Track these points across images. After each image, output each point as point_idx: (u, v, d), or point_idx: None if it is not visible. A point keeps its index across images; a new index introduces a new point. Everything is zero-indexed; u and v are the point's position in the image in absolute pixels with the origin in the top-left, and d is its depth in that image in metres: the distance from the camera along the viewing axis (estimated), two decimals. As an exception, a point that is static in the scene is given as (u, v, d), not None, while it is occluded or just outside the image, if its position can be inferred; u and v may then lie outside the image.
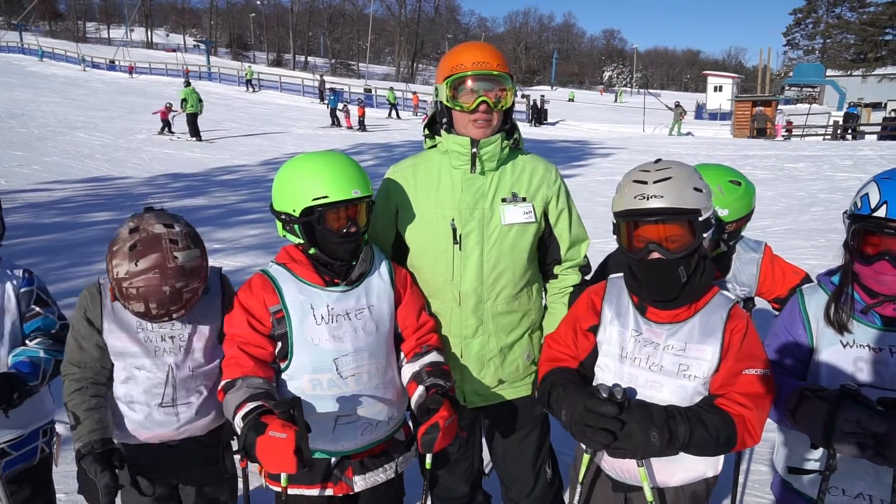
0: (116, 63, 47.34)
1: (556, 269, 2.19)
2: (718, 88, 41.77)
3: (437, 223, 2.06)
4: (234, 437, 1.78)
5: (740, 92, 39.92)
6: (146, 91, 35.05)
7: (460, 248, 2.03)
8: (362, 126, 25.92)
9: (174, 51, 67.42)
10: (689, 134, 28.30)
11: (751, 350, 1.70)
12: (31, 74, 38.80)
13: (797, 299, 1.83)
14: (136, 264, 1.77)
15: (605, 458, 1.84)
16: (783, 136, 25.56)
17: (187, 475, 2.06)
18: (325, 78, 41.89)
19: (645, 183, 1.65)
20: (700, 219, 1.63)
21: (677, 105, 29.98)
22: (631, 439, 1.56)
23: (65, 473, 2.45)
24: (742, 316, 1.73)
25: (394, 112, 31.99)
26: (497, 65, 2.00)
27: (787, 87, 51.05)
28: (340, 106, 27.72)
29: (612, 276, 1.88)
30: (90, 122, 22.95)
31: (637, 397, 1.70)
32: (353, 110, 26.88)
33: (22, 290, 2.14)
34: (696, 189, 1.64)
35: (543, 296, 2.24)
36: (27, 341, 2.12)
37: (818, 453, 1.73)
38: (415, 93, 37.12)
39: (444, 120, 2.07)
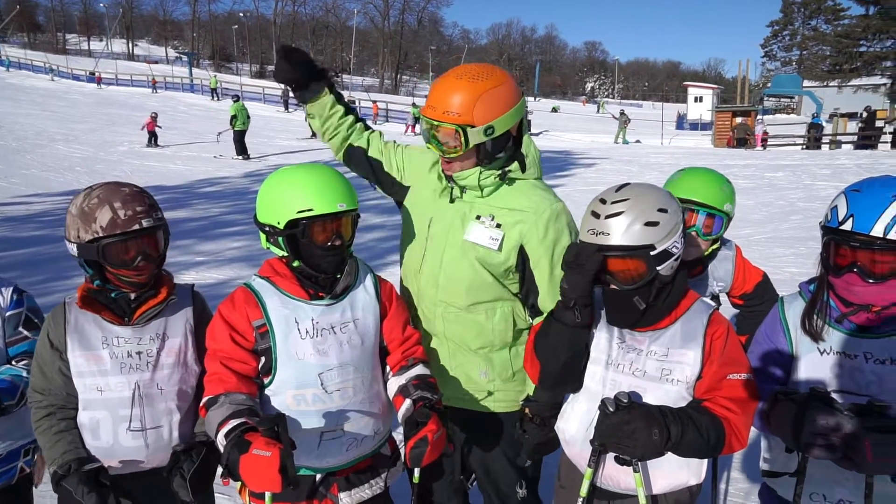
0: (96, 75, 46.96)
1: (535, 318, 2.04)
2: (699, 99, 42.34)
3: (420, 212, 2.11)
4: (182, 466, 1.76)
5: (720, 102, 40.52)
6: (126, 103, 34.75)
7: (428, 247, 2.06)
8: None
9: (156, 62, 67.05)
10: (637, 141, 29.16)
11: (733, 355, 1.73)
12: (9, 87, 38.31)
13: (778, 307, 1.86)
14: (90, 190, 1.86)
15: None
16: (762, 145, 25.95)
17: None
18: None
19: (598, 216, 1.67)
20: (652, 253, 1.63)
21: (622, 113, 31.03)
22: (634, 437, 1.57)
23: (43, 493, 2.40)
24: (722, 321, 1.76)
25: (417, 126, 31.33)
26: (444, 112, 1.88)
27: (765, 98, 51.91)
28: None
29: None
30: (70, 134, 22.69)
31: None
32: None
33: (9, 312, 2.08)
34: (648, 224, 1.64)
35: (515, 321, 2.10)
36: (13, 362, 2.07)
37: (794, 457, 1.75)
38: (375, 101, 37.08)
39: None
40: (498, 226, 1.98)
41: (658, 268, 1.65)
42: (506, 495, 2.19)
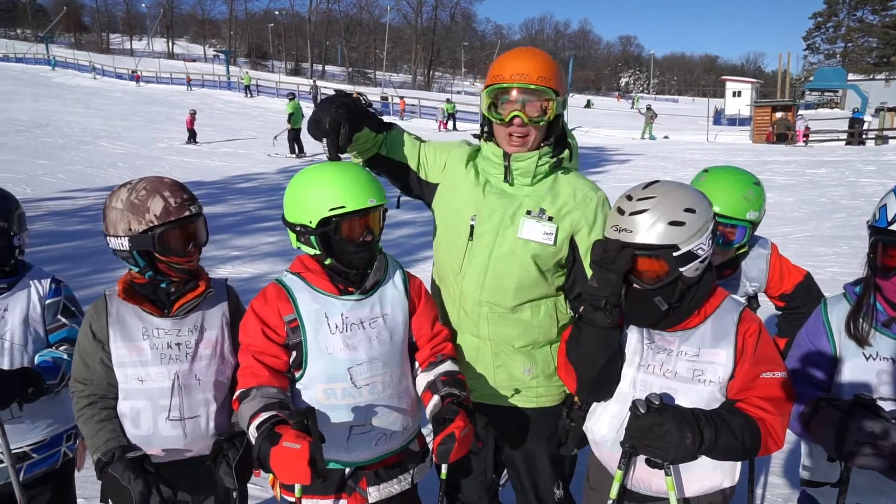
0: (135, 73, 48.25)
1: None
2: (737, 94, 41.31)
3: (460, 213, 2.08)
4: (228, 454, 1.78)
5: (759, 97, 39.49)
6: (166, 100, 35.59)
7: (472, 247, 2.04)
8: None
9: (194, 61, 68.48)
10: (665, 137, 28.65)
11: (767, 353, 1.68)
12: (57, 86, 39.60)
13: (821, 309, 1.80)
14: (130, 185, 1.89)
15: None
16: (804, 141, 25.22)
17: (198, 493, 2.02)
18: (343, 87, 42.43)
19: (622, 213, 1.64)
20: (676, 254, 1.59)
21: (648, 108, 30.66)
22: (666, 440, 1.53)
23: (85, 478, 2.48)
24: (753, 318, 1.72)
25: (451, 123, 30.73)
26: (538, 77, 1.90)
27: (807, 92, 50.39)
28: None
29: None
30: (113, 131, 23.35)
31: None
32: None
33: (48, 301, 2.18)
34: (673, 223, 1.60)
35: (558, 317, 2.11)
36: (53, 348, 2.16)
37: (837, 466, 1.69)
38: (402, 98, 37.13)
39: (486, 129, 2.06)
40: (550, 219, 1.98)
41: (682, 269, 1.61)
42: (543, 496, 2.18)
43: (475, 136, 2.16)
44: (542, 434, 2.14)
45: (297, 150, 20.03)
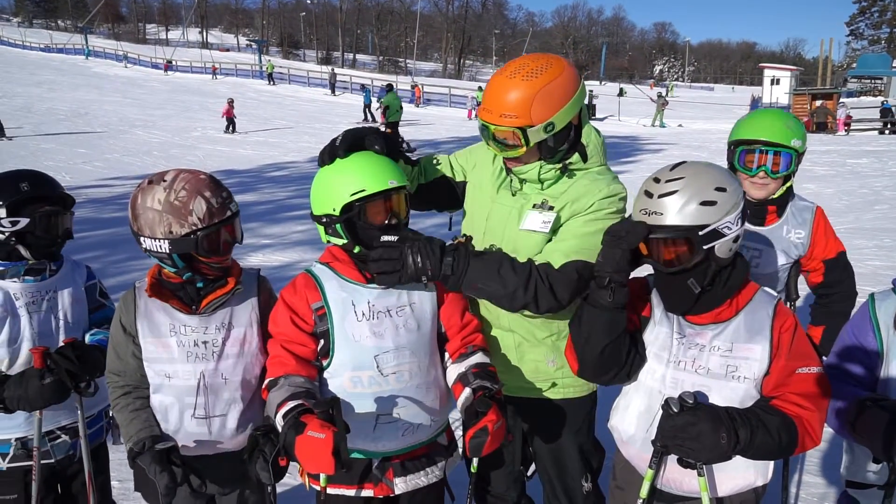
0: (173, 63, 49.16)
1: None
2: (775, 81, 40.16)
3: (479, 209, 2.08)
4: (265, 448, 1.72)
5: (799, 85, 38.34)
6: (199, 90, 36.16)
7: (484, 243, 2.01)
8: None
9: (227, 50, 69.36)
10: (680, 126, 28.13)
11: (802, 348, 1.63)
12: (95, 75, 40.55)
13: (867, 304, 1.74)
14: (164, 180, 1.82)
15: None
16: (845, 130, 24.42)
17: (225, 487, 2.02)
18: (371, 75, 42.75)
19: (651, 196, 1.58)
20: (701, 233, 1.53)
21: (659, 95, 30.44)
22: (700, 441, 1.48)
23: (118, 461, 2.56)
24: (788, 313, 1.67)
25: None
26: (500, 115, 1.80)
27: (849, 79, 48.72)
28: (374, 101, 28.20)
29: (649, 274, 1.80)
30: (148, 120, 23.84)
31: None
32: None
33: (88, 283, 2.32)
34: (705, 203, 1.54)
35: None
36: (95, 328, 2.27)
37: (882, 468, 1.64)
38: (416, 85, 36.84)
39: None
40: (550, 208, 1.93)
41: (706, 246, 1.54)
42: (571, 488, 2.16)
43: None
44: (570, 426, 2.12)
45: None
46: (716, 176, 1.58)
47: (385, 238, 1.75)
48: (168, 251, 1.79)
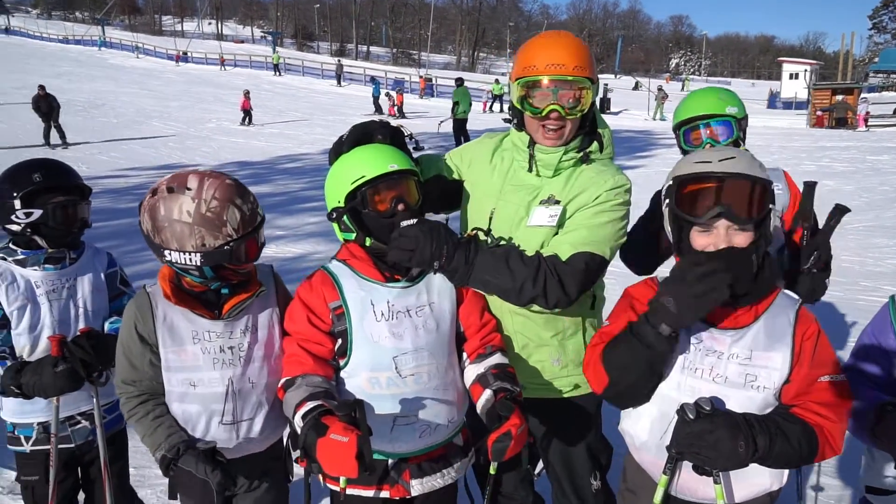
0: (189, 54, 49.48)
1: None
2: (794, 76, 39.51)
3: (481, 208, 2.03)
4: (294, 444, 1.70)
5: (819, 79, 37.74)
6: (214, 81, 36.32)
7: (490, 240, 1.97)
8: (401, 113, 26.50)
9: (242, 42, 69.60)
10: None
11: (825, 356, 1.58)
12: (112, 67, 40.84)
13: (888, 305, 1.69)
14: (187, 188, 1.69)
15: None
16: (865, 126, 24.01)
17: (245, 485, 1.98)
18: (384, 67, 42.96)
19: (708, 162, 1.55)
20: (770, 187, 1.52)
21: (659, 89, 30.07)
22: (717, 448, 1.43)
23: (133, 449, 2.58)
24: (811, 319, 1.61)
25: (496, 105, 29.97)
26: (574, 67, 1.81)
27: (871, 74, 47.85)
28: (383, 93, 28.78)
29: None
30: (164, 111, 24.00)
31: None
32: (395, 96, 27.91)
33: (109, 271, 2.34)
34: (761, 167, 1.56)
35: (588, 303, 2.05)
36: (115, 315, 2.29)
37: None
38: (422, 76, 36.85)
39: (515, 120, 1.99)
40: (557, 202, 1.90)
41: (771, 205, 1.52)
42: (580, 487, 2.13)
43: (505, 120, 2.11)
44: (578, 425, 2.10)
45: (462, 142, 18.74)
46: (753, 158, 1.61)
47: (405, 222, 1.74)
48: (199, 264, 1.71)
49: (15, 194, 2.08)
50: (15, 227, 2.12)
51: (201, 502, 1.67)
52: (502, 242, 1.93)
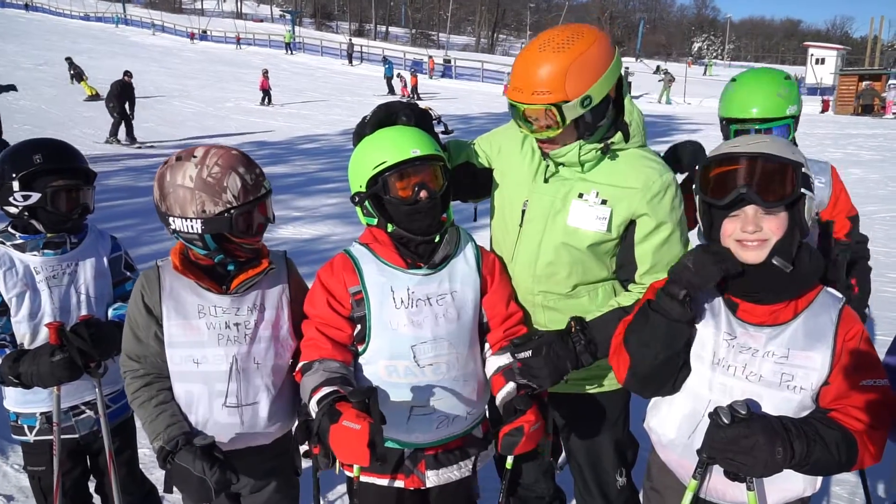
0: (208, 33, 49.55)
1: (630, 287, 1.91)
2: (820, 61, 38.54)
3: (512, 198, 1.97)
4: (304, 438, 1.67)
5: (845, 65, 36.81)
6: (233, 60, 36.32)
7: (522, 234, 1.92)
8: (415, 94, 26.37)
9: (261, 21, 69.52)
10: (689, 103, 27.72)
11: (868, 359, 1.49)
12: (132, 44, 40.96)
13: None
14: (193, 156, 1.71)
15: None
16: (893, 113, 23.44)
17: (252, 485, 1.93)
18: (403, 48, 42.73)
19: (737, 145, 1.50)
20: (804, 170, 1.43)
21: (666, 72, 29.73)
22: (753, 455, 1.36)
23: (143, 433, 2.58)
24: (855, 318, 1.52)
25: None
26: (532, 94, 1.68)
27: (900, 60, 46.63)
28: (395, 74, 28.81)
29: None
30: (184, 90, 24.06)
31: None
32: (408, 77, 27.93)
33: (112, 255, 2.25)
34: (795, 151, 1.49)
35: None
36: (120, 302, 2.23)
37: None
38: (430, 57, 36.57)
39: None
40: (603, 202, 1.80)
41: (803, 190, 1.43)
42: (605, 482, 2.09)
43: None
44: (606, 420, 2.05)
45: None
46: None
47: (522, 355, 1.72)
48: (200, 231, 1.69)
49: (14, 175, 1.99)
50: (13, 210, 2.03)
51: (198, 498, 1.64)
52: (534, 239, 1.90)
